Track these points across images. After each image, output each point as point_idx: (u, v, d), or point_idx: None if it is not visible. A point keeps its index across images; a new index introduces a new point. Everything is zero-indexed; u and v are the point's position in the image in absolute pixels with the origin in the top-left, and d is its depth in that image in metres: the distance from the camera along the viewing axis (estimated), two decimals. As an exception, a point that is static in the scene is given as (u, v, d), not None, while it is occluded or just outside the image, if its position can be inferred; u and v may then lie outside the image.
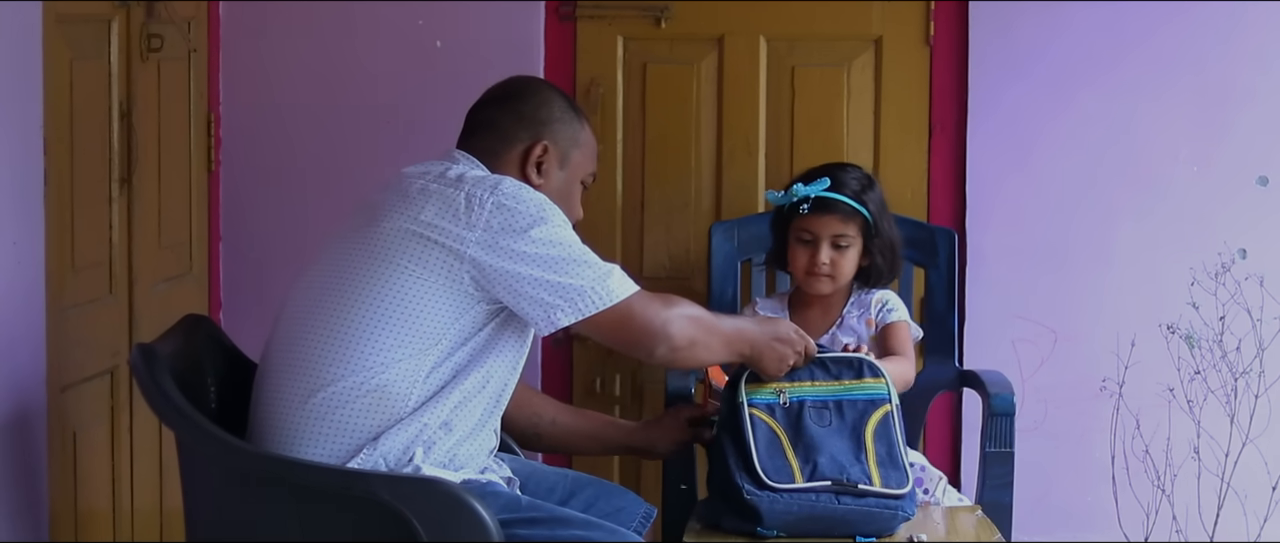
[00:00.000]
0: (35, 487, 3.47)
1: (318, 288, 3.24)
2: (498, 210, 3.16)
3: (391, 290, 3.16)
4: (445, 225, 3.16)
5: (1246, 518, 4.48)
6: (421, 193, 3.22)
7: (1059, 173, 4.50)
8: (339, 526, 3.06)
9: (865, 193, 3.96)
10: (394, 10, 4.50)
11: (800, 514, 3.38)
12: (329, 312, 3.20)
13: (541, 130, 3.39)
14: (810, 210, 3.92)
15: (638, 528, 3.49)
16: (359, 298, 3.17)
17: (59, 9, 3.51)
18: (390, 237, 3.19)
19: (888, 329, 3.97)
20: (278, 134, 4.55)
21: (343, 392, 3.16)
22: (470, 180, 3.22)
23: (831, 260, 3.93)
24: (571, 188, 3.43)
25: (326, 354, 3.17)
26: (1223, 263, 4.41)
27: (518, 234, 3.16)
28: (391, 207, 3.23)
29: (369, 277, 3.18)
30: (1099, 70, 4.47)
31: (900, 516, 3.44)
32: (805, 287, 3.99)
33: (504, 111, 3.42)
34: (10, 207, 3.36)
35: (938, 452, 4.49)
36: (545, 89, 3.49)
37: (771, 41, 4.54)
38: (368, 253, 3.20)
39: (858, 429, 3.49)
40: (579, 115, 3.46)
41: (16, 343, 3.39)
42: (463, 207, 3.17)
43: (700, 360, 3.37)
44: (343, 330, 3.17)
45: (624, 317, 3.21)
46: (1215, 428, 4.45)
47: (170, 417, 3.17)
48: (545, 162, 3.37)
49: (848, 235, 3.94)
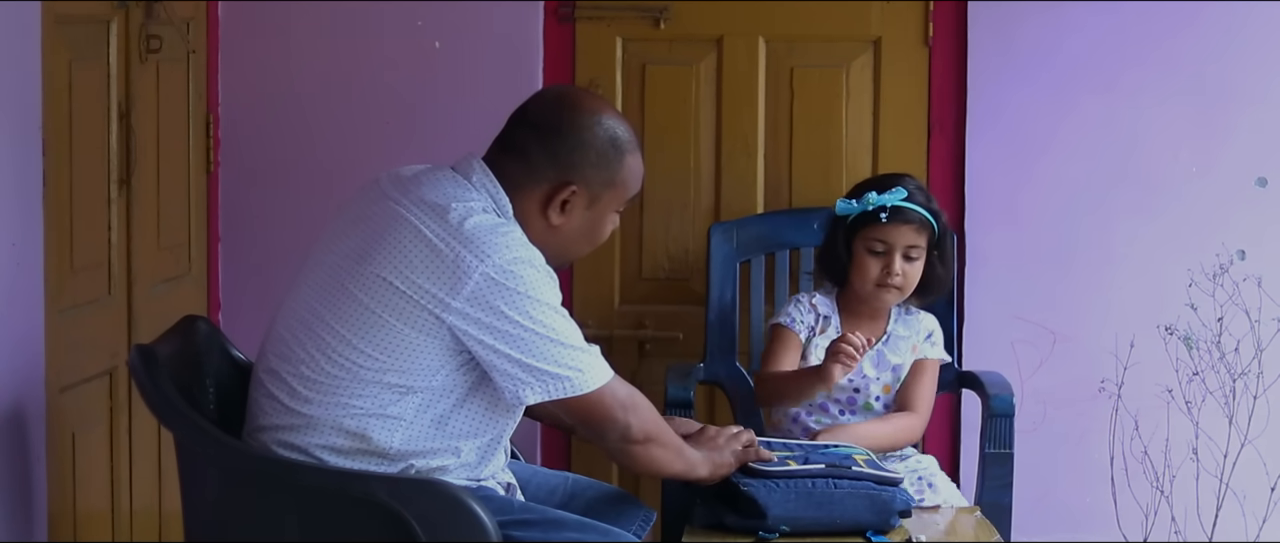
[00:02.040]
0: (34, 488, 3.47)
1: (306, 311, 3.19)
2: (485, 283, 3.08)
3: (374, 341, 3.11)
4: (429, 288, 3.09)
5: (1245, 519, 4.48)
6: (414, 239, 3.11)
7: (1058, 174, 4.50)
8: (338, 526, 3.06)
9: (932, 204, 3.96)
10: (393, 11, 4.50)
11: (799, 502, 3.37)
12: (316, 341, 3.15)
13: (571, 174, 3.24)
14: (888, 220, 3.90)
15: (637, 531, 3.48)
16: (344, 339, 3.13)
17: (58, 10, 3.51)
18: (376, 287, 3.11)
19: (920, 366, 3.96)
20: (277, 135, 4.55)
21: (327, 422, 3.15)
22: (467, 235, 3.10)
23: (903, 271, 3.91)
24: (598, 223, 3.31)
25: (313, 381, 3.16)
26: (1221, 264, 4.41)
27: (500, 310, 3.09)
28: (382, 243, 3.13)
29: (354, 322, 3.12)
30: (1098, 71, 4.47)
31: (899, 497, 3.44)
32: (872, 299, 3.95)
33: (538, 144, 3.25)
34: (9, 207, 3.36)
35: (937, 453, 4.48)
36: (586, 125, 3.27)
37: (770, 42, 4.54)
38: (353, 299, 3.13)
39: (840, 451, 3.55)
40: (620, 150, 3.27)
41: (15, 344, 3.39)
42: (449, 272, 3.09)
43: (653, 461, 3.31)
44: (327, 365, 3.14)
45: (591, 405, 3.20)
46: (1214, 429, 4.45)
47: (169, 418, 3.17)
48: (571, 203, 3.25)
49: (919, 246, 3.92)
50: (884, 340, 3.97)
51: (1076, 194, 4.50)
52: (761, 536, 3.38)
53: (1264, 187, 4.45)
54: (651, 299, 4.60)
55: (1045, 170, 4.50)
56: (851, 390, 3.94)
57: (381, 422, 3.14)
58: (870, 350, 3.88)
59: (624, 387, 3.25)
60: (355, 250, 3.17)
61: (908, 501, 3.48)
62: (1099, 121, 4.48)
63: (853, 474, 3.43)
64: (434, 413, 3.17)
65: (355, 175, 4.48)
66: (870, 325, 3.98)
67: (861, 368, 3.91)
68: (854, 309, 4.00)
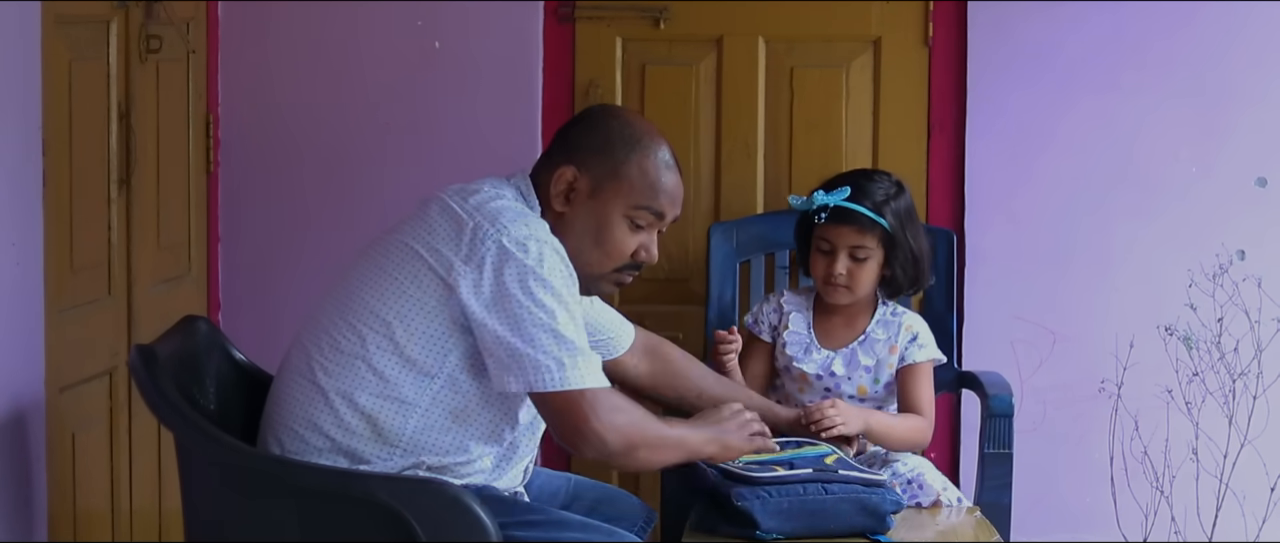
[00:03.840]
0: (33, 488, 3.47)
1: (339, 289, 3.25)
2: (498, 252, 3.10)
3: (387, 301, 3.14)
4: (444, 252, 3.13)
5: (1245, 519, 4.49)
6: (441, 211, 3.18)
7: (1058, 174, 4.50)
8: (338, 526, 3.06)
9: (888, 203, 3.90)
10: (393, 11, 4.50)
11: (792, 511, 3.38)
12: (340, 308, 3.20)
13: (574, 156, 3.27)
14: (828, 220, 3.89)
15: (639, 532, 3.49)
16: (362, 301, 3.17)
17: (58, 10, 3.51)
18: (398, 252, 3.17)
19: (914, 372, 3.92)
20: (277, 135, 4.55)
21: (341, 394, 3.16)
22: (491, 210, 3.15)
23: (849, 271, 3.88)
24: (604, 221, 3.28)
25: (333, 346, 3.17)
26: (1221, 264, 4.41)
27: (505, 283, 3.09)
28: (414, 219, 3.22)
29: (373, 283, 3.17)
30: (1098, 71, 4.47)
31: (888, 498, 3.44)
32: (824, 296, 3.96)
33: (559, 134, 3.36)
34: (9, 208, 3.36)
35: (937, 453, 4.49)
36: (605, 117, 3.34)
37: (770, 42, 4.54)
38: (377, 266, 3.19)
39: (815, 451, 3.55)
40: (631, 146, 3.28)
41: (15, 344, 3.39)
42: (468, 239, 3.12)
43: (647, 464, 3.28)
44: (346, 329, 3.17)
45: (565, 406, 3.12)
46: (1213, 429, 4.45)
47: (169, 418, 3.17)
48: (574, 188, 3.27)
49: (866, 247, 3.89)
50: (859, 341, 3.96)
51: (1076, 194, 4.50)
52: (758, 535, 3.38)
53: (1264, 187, 4.45)
54: (651, 299, 4.60)
55: (1045, 170, 4.50)
56: (822, 390, 3.93)
57: (394, 406, 3.14)
58: (843, 349, 3.90)
59: (612, 399, 3.17)
60: (391, 231, 3.25)
61: (898, 501, 3.49)
62: (1099, 121, 4.48)
63: (841, 478, 3.43)
64: (449, 406, 3.17)
65: (355, 175, 4.50)
66: (845, 328, 3.97)
67: (830, 366, 3.92)
68: (828, 307, 4.00)
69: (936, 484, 3.79)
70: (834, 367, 3.93)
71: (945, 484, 3.84)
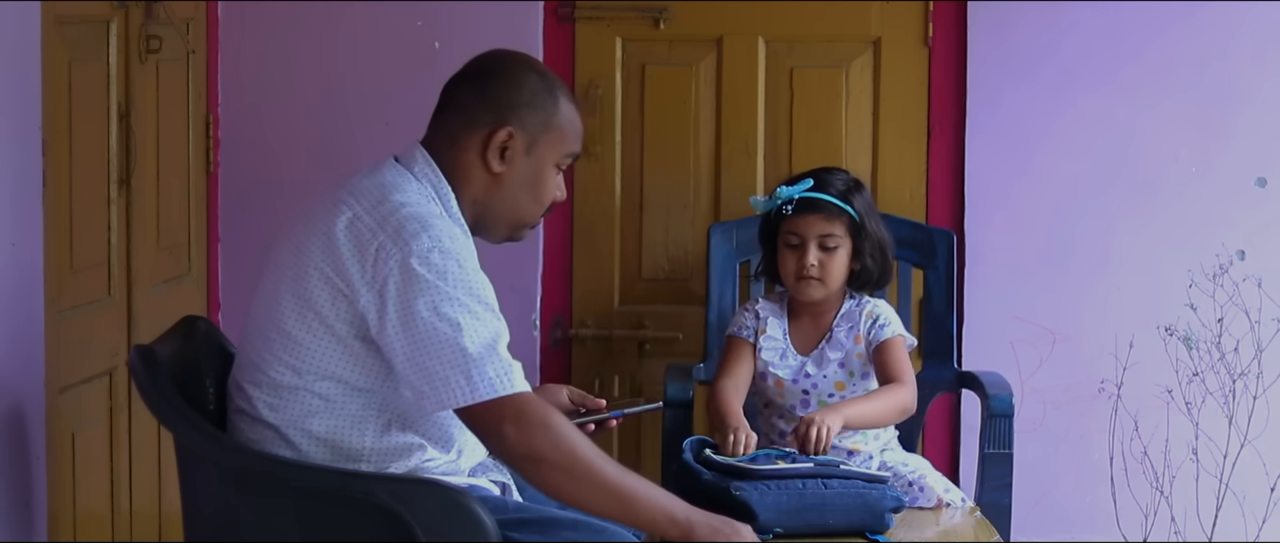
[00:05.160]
0: (33, 488, 3.47)
1: (259, 318, 3.18)
2: (401, 274, 3.04)
3: (308, 328, 3.10)
4: (351, 275, 3.06)
5: (1245, 519, 4.49)
6: (345, 228, 3.09)
7: (1058, 174, 4.50)
8: (337, 526, 3.06)
9: (851, 193, 3.91)
10: (393, 11, 4.50)
11: (790, 506, 3.37)
12: (267, 344, 3.14)
13: (507, 114, 3.22)
14: (795, 211, 3.88)
15: (635, 531, 3.47)
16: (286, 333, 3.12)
17: (58, 10, 3.51)
18: (309, 278, 3.10)
19: (884, 348, 3.89)
20: (277, 135, 4.55)
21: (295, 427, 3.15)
22: (391, 226, 3.07)
23: (820, 262, 3.87)
24: (540, 173, 3.25)
25: (274, 386, 3.15)
26: (1221, 264, 4.41)
27: (409, 303, 3.02)
28: (316, 233, 3.13)
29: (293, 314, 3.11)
30: (1098, 71, 4.47)
31: (888, 495, 3.43)
32: (797, 293, 3.94)
33: (471, 91, 3.26)
34: (9, 208, 3.36)
35: (937, 453, 4.49)
36: (518, 67, 3.29)
37: (770, 43, 4.54)
38: (292, 293, 3.12)
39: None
40: (555, 95, 3.25)
41: (15, 344, 3.39)
42: (371, 261, 3.06)
43: (563, 494, 3.07)
44: (280, 366, 3.13)
45: (479, 417, 3.04)
46: (1213, 429, 4.46)
47: (169, 418, 3.17)
48: (509, 148, 3.22)
49: (835, 235, 3.88)
50: (826, 339, 3.95)
51: (1076, 194, 4.50)
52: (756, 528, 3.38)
53: (1264, 187, 4.45)
54: (651, 299, 4.60)
55: (1045, 170, 4.50)
56: (800, 392, 3.92)
57: (347, 423, 3.12)
58: (814, 351, 3.91)
59: (536, 410, 3.05)
60: (295, 245, 3.17)
61: (899, 499, 3.49)
62: (1099, 121, 4.48)
63: (841, 473, 3.43)
64: (397, 412, 3.15)
65: (355, 175, 4.49)
66: (813, 328, 3.96)
67: (804, 369, 3.91)
68: (797, 311, 3.99)
69: (938, 487, 3.79)
70: (808, 369, 3.93)
71: (947, 486, 3.84)
